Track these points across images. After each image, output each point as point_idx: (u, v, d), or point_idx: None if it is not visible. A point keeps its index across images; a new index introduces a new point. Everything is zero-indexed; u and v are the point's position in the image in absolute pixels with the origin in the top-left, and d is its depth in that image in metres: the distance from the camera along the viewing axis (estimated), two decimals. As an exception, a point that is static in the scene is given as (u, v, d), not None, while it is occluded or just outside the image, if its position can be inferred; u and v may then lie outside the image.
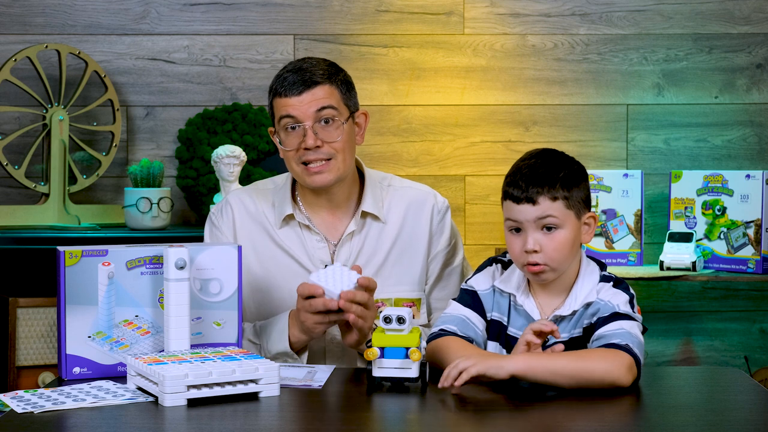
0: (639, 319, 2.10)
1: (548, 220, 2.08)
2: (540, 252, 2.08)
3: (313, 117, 2.30)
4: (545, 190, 2.08)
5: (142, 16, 3.54)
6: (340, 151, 2.33)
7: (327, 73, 2.34)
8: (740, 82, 3.60)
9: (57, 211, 3.31)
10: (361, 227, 2.42)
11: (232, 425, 1.81)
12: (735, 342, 3.61)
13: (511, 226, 2.12)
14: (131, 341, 2.11)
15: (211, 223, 2.47)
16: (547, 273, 2.10)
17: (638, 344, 2.03)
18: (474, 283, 2.21)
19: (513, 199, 2.10)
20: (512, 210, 2.10)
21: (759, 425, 1.83)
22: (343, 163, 2.34)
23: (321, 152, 2.31)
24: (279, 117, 2.33)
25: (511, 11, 3.57)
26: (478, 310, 2.18)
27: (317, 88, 2.31)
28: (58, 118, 3.33)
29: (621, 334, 2.03)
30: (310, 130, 2.30)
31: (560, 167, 2.11)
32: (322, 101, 2.31)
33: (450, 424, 1.84)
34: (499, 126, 3.58)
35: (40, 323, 3.14)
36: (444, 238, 2.47)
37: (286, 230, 2.41)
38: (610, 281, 2.13)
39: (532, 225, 2.08)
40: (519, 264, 2.13)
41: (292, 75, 2.32)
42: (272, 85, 2.36)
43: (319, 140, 2.30)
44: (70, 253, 2.07)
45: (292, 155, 2.34)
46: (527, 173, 2.10)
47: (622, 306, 2.09)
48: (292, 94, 2.30)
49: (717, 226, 3.37)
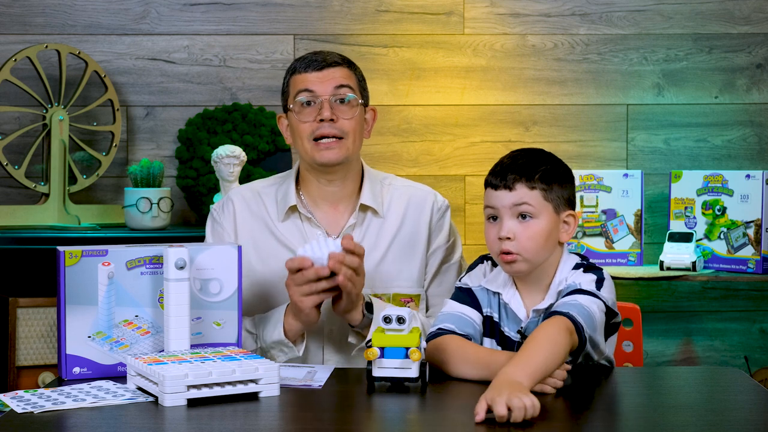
0: (604, 298, 2.09)
1: (524, 208, 2.11)
2: (513, 240, 2.11)
3: (331, 93, 2.37)
4: (523, 179, 2.12)
5: (142, 16, 3.54)
6: (351, 132, 2.38)
7: (346, 60, 2.43)
8: (740, 82, 3.60)
9: (57, 211, 3.31)
10: (361, 221, 2.44)
11: (232, 425, 1.81)
12: (735, 342, 3.61)
13: (489, 213, 2.15)
14: (131, 341, 2.11)
15: (213, 219, 2.49)
16: (519, 263, 2.12)
17: (585, 315, 2.02)
18: (467, 281, 2.24)
19: (492, 185, 2.15)
20: (490, 196, 2.15)
21: (759, 425, 1.83)
22: (352, 144, 2.39)
23: (335, 127, 2.36)
24: (296, 92, 2.39)
25: (511, 11, 3.57)
26: (475, 305, 2.20)
27: (337, 68, 2.40)
28: (58, 118, 3.33)
29: (569, 305, 2.04)
30: (326, 102, 2.36)
31: (543, 162, 2.16)
32: (341, 80, 2.38)
33: (450, 424, 1.84)
34: (499, 126, 3.58)
35: (40, 323, 3.14)
36: (443, 235, 2.49)
37: (288, 224, 2.43)
38: (581, 267, 2.14)
39: (508, 212, 2.12)
40: (494, 254, 2.15)
41: (312, 55, 2.41)
42: (291, 66, 2.43)
43: (334, 114, 2.35)
44: (70, 253, 2.07)
45: (305, 129, 2.38)
46: (509, 163, 2.16)
47: (585, 284, 2.09)
48: (312, 69, 2.38)
49: (717, 226, 3.37)
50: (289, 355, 2.30)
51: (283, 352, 2.30)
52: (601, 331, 2.09)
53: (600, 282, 2.11)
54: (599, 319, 2.07)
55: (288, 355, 2.30)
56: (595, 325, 2.06)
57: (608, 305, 2.11)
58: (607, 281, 2.13)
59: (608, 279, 2.14)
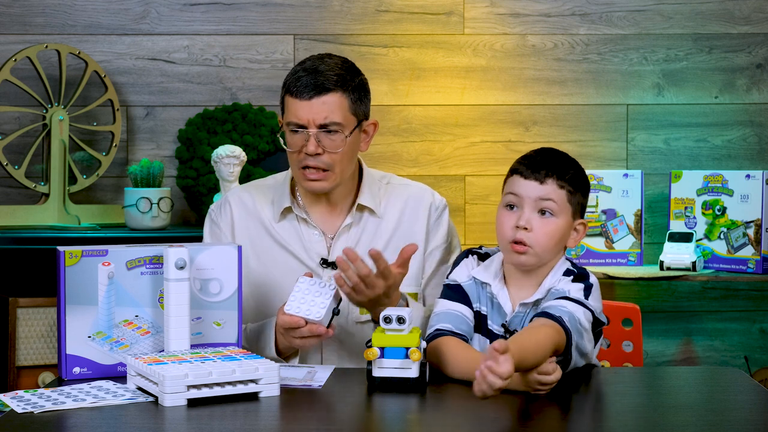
0: (592, 307, 2.11)
1: (547, 204, 2.12)
2: (530, 232, 2.11)
3: (319, 125, 2.32)
4: (554, 176, 2.13)
5: (142, 16, 3.54)
6: (338, 162, 2.35)
7: (341, 80, 2.34)
8: (740, 82, 3.60)
9: (57, 211, 3.31)
10: (358, 221, 2.44)
11: (232, 425, 1.82)
12: (735, 342, 3.61)
13: (509, 201, 2.15)
14: (131, 341, 2.11)
15: (211, 221, 2.49)
16: (528, 256, 2.13)
17: (574, 324, 2.04)
18: (456, 277, 2.24)
19: (521, 174, 2.14)
20: (516, 184, 2.14)
21: (759, 425, 1.83)
22: (340, 174, 2.36)
23: (320, 160, 2.33)
24: (287, 117, 2.36)
25: (511, 11, 3.57)
26: (465, 301, 2.20)
27: (328, 96, 2.32)
28: (58, 118, 3.33)
29: (560, 310, 2.05)
30: (312, 137, 2.32)
31: (574, 166, 2.19)
32: (329, 113, 2.32)
33: (450, 424, 1.84)
34: (499, 126, 3.58)
35: (40, 323, 3.14)
36: (441, 235, 2.49)
37: (284, 224, 2.43)
38: (571, 275, 2.16)
39: (531, 203, 2.12)
40: (504, 242, 2.14)
41: (306, 76, 2.33)
42: (287, 79, 2.37)
43: (320, 147, 2.33)
44: (70, 253, 2.07)
45: (292, 157, 2.37)
46: (541, 158, 2.16)
47: (574, 292, 2.11)
48: (302, 97, 2.32)
49: (717, 226, 3.37)
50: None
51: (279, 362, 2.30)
52: (589, 338, 2.10)
53: (588, 290, 2.13)
54: (586, 327, 2.09)
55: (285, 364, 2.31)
56: (582, 333, 2.07)
57: (595, 315, 2.13)
58: (594, 288, 2.15)
59: (596, 285, 2.16)
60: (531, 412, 1.87)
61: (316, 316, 2.14)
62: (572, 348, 2.04)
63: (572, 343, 2.04)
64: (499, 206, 2.18)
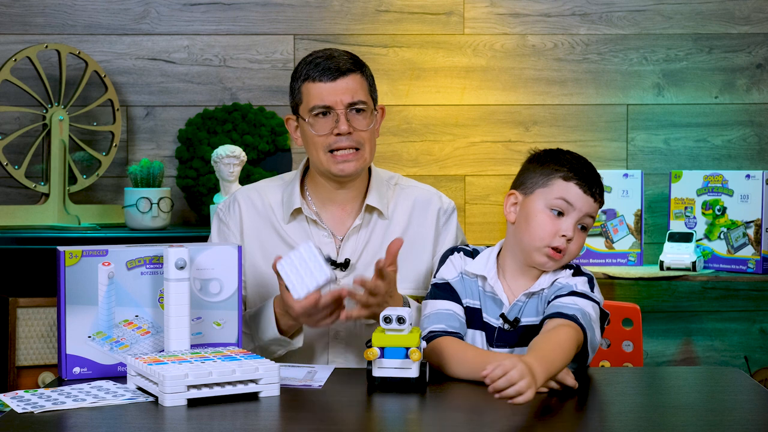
0: (598, 300, 2.15)
1: (590, 221, 2.17)
2: (570, 242, 2.14)
3: (347, 105, 2.35)
4: (600, 193, 2.17)
5: (142, 16, 3.54)
6: (368, 141, 2.38)
7: (357, 63, 2.40)
8: (740, 82, 3.60)
9: (57, 211, 3.31)
10: (366, 222, 2.44)
11: (232, 425, 1.82)
12: (735, 342, 3.61)
13: (558, 206, 2.14)
14: (131, 341, 2.12)
15: (219, 219, 2.48)
16: (558, 262, 2.16)
17: (587, 321, 2.07)
18: (443, 275, 2.24)
19: (581, 185, 2.14)
20: (573, 193, 2.14)
21: (759, 425, 1.83)
22: (369, 153, 2.39)
23: (351, 139, 2.35)
24: (311, 105, 2.36)
25: (511, 11, 3.57)
26: (454, 298, 2.21)
27: (350, 77, 2.36)
28: (58, 118, 3.33)
29: (573, 308, 2.08)
30: (343, 116, 2.34)
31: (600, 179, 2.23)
32: (354, 93, 2.36)
33: (450, 424, 1.84)
34: (499, 126, 3.58)
35: (40, 323, 3.14)
36: (449, 239, 2.48)
37: (293, 225, 2.43)
38: (570, 269, 2.18)
39: (577, 217, 2.14)
40: (542, 243, 2.14)
41: (324, 61, 2.36)
42: (301, 70, 2.38)
43: (351, 127, 2.34)
44: (70, 253, 2.07)
45: (321, 141, 2.36)
46: (588, 171, 2.17)
47: (580, 285, 2.14)
48: (326, 80, 2.34)
49: (717, 226, 3.37)
50: (289, 348, 2.30)
51: (282, 346, 2.30)
52: (599, 332, 2.13)
53: (591, 282, 2.17)
54: (596, 321, 2.12)
55: (288, 348, 2.30)
56: (593, 328, 2.10)
57: (601, 307, 2.17)
58: (594, 280, 2.20)
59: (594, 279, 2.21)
60: (531, 412, 1.87)
61: (322, 278, 2.14)
62: (588, 345, 2.06)
63: (588, 339, 2.06)
64: (539, 205, 2.16)
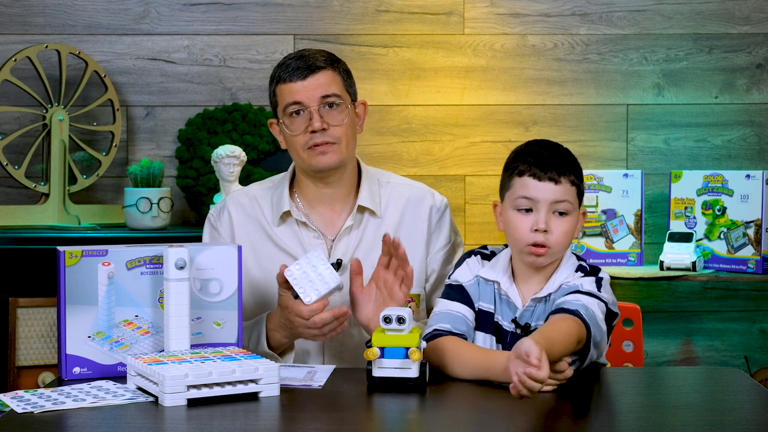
0: (606, 299, 2.11)
1: (563, 205, 2.11)
2: (549, 233, 2.10)
3: (319, 101, 2.35)
4: (565, 174, 2.11)
5: (142, 16, 3.54)
6: (344, 136, 2.37)
7: (329, 60, 2.41)
8: (740, 82, 3.60)
9: (57, 211, 3.31)
10: (358, 222, 2.43)
11: (232, 425, 1.82)
12: (735, 342, 3.61)
13: (523, 205, 2.12)
14: (131, 341, 2.11)
15: (210, 226, 2.49)
16: (546, 257, 2.12)
17: (590, 316, 2.05)
18: (458, 277, 2.23)
19: (533, 175, 2.10)
20: (529, 186, 2.11)
21: (759, 425, 1.83)
22: (346, 147, 2.38)
23: (326, 135, 2.35)
24: (284, 104, 2.38)
25: (511, 11, 3.57)
26: (467, 302, 2.20)
27: (320, 74, 2.37)
28: (58, 118, 3.33)
29: (576, 304, 2.06)
30: (316, 113, 2.35)
31: (573, 157, 2.16)
32: (326, 87, 2.37)
33: (450, 424, 1.84)
34: (499, 126, 3.58)
35: (40, 323, 3.14)
36: (443, 236, 2.48)
37: (284, 228, 2.43)
38: (583, 271, 2.15)
39: (546, 206, 2.10)
40: (521, 245, 2.13)
41: (295, 61, 2.38)
42: (274, 73, 2.41)
43: (325, 123, 2.35)
44: (70, 253, 2.07)
45: (298, 140, 2.37)
46: (547, 155, 2.13)
47: (586, 285, 2.11)
48: (296, 79, 2.36)
49: (717, 226, 3.37)
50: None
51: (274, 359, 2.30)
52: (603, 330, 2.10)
53: (599, 282, 2.13)
54: (600, 318, 2.08)
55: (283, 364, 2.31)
56: (598, 325, 2.07)
57: (608, 306, 2.12)
58: (605, 280, 2.15)
59: (606, 278, 2.16)
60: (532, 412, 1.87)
61: (334, 282, 2.15)
62: (591, 340, 2.04)
63: (591, 334, 2.04)
64: (509, 209, 2.14)
